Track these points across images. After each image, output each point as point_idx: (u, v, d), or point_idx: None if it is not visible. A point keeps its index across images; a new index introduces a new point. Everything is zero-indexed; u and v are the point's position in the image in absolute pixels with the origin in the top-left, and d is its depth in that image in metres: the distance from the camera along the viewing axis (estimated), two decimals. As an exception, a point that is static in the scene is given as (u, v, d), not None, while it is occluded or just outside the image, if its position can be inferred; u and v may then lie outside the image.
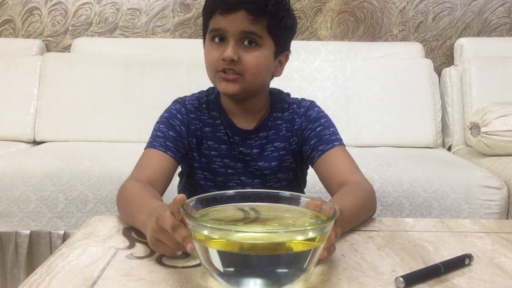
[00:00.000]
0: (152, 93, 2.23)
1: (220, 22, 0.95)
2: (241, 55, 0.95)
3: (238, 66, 0.95)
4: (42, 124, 2.26)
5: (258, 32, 0.95)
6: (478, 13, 2.58)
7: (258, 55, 0.96)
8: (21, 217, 1.69)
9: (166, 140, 1.00)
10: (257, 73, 0.97)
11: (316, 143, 1.02)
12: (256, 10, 0.93)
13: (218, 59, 0.96)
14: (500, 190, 1.67)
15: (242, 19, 0.94)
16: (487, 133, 1.95)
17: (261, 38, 0.96)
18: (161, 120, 1.05)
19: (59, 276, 0.63)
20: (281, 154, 1.06)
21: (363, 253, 0.73)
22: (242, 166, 1.05)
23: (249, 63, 0.95)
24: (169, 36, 2.58)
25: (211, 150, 1.06)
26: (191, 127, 1.05)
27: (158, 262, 0.68)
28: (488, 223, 0.91)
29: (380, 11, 2.58)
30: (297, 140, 1.06)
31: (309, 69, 2.31)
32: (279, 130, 1.06)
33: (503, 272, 0.67)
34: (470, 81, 2.32)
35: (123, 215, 0.88)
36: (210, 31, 0.98)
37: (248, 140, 1.05)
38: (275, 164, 1.06)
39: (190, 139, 1.05)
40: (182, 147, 1.03)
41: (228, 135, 1.05)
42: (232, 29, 0.94)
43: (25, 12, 2.56)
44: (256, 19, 0.94)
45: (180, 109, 1.06)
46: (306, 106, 1.08)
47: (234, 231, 0.58)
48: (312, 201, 0.66)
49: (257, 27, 0.95)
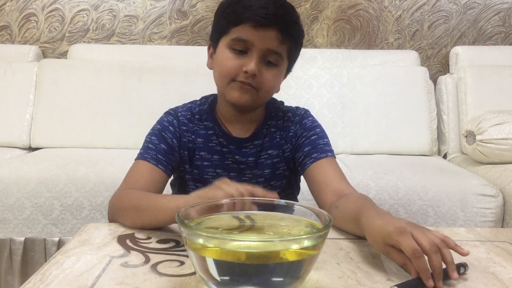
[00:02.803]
0: (148, 100, 2.23)
1: (249, 34, 0.94)
2: (261, 71, 0.96)
3: (255, 81, 0.96)
4: (38, 130, 2.25)
5: (282, 53, 0.97)
6: (473, 22, 2.60)
7: (276, 74, 0.99)
8: (15, 223, 1.69)
9: (157, 153, 1.00)
10: (270, 90, 1.01)
11: (310, 150, 1.03)
12: (287, 31, 0.95)
13: (237, 69, 0.95)
14: (495, 198, 1.68)
15: (272, 38, 0.94)
16: (482, 141, 1.95)
17: (282, 59, 0.98)
18: (153, 132, 1.04)
19: (53, 284, 0.63)
20: (275, 162, 1.06)
21: (359, 262, 0.73)
22: (236, 176, 1.05)
23: (267, 81, 0.97)
24: (166, 43, 2.58)
25: (203, 161, 1.05)
26: (183, 140, 1.04)
27: (153, 270, 0.68)
28: (483, 231, 0.91)
29: (376, 19, 2.59)
30: (291, 147, 1.07)
31: (305, 77, 2.31)
32: (273, 138, 1.07)
33: (498, 281, 0.68)
34: (466, 89, 2.33)
35: (136, 219, 0.86)
36: (234, 39, 0.96)
37: (243, 148, 1.05)
38: (269, 172, 1.06)
39: (182, 152, 1.04)
40: (174, 160, 1.03)
41: (222, 145, 1.05)
42: (260, 45, 0.94)
43: (22, 18, 2.56)
44: (284, 40, 0.95)
45: (172, 121, 1.05)
46: (300, 115, 1.10)
47: (229, 240, 0.58)
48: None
49: (283, 47, 0.97)
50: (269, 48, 0.95)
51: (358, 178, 1.73)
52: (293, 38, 0.98)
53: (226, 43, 0.97)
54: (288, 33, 0.95)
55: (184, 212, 0.63)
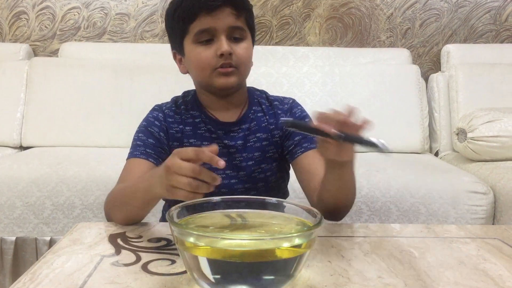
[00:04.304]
0: (140, 98, 2.22)
1: (208, 22, 0.99)
2: (233, 49, 1.00)
3: (233, 59, 1.00)
4: (28, 129, 2.24)
5: (242, 26, 1.03)
6: (464, 20, 2.61)
7: (246, 47, 1.03)
8: (6, 223, 1.67)
9: (146, 148, 1.02)
10: (248, 63, 1.05)
11: (301, 140, 1.07)
12: (239, 6, 1.01)
13: (213, 57, 1.00)
14: (486, 195, 1.69)
15: (228, 15, 1.00)
16: (474, 139, 1.97)
17: (244, 32, 1.03)
18: (139, 130, 1.07)
19: (43, 283, 0.62)
20: (264, 145, 1.09)
21: (350, 259, 0.73)
22: (227, 160, 1.06)
23: (241, 55, 1.02)
24: (158, 41, 2.57)
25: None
26: (170, 131, 1.07)
27: (144, 269, 0.68)
28: (473, 228, 0.91)
29: (368, 17, 2.60)
30: (281, 134, 1.10)
31: (297, 75, 2.32)
32: (260, 122, 1.10)
33: (488, 277, 0.68)
34: (457, 87, 2.35)
35: (128, 208, 0.88)
36: (196, 33, 1.00)
37: (231, 132, 1.08)
38: (258, 155, 1.08)
39: (170, 143, 1.07)
40: (163, 153, 1.05)
41: (210, 131, 1.08)
42: (221, 26, 0.99)
43: (12, 16, 2.54)
44: (239, 14, 1.01)
45: (157, 116, 1.08)
46: (289, 103, 1.14)
47: (221, 238, 0.58)
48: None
49: (241, 20, 1.02)
50: (230, 26, 1.00)
51: (350, 176, 1.73)
52: (245, 8, 1.03)
53: (191, 41, 1.02)
54: (240, 5, 1.01)
55: (175, 211, 0.63)
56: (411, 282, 0.66)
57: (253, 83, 1.22)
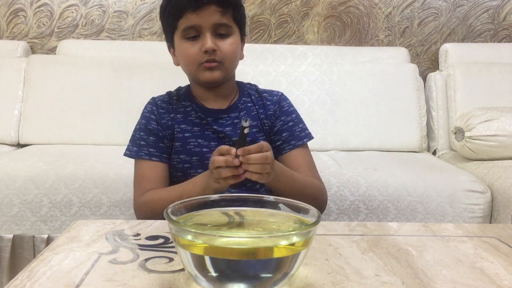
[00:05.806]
0: (138, 96, 2.21)
1: (193, 19, 1.05)
2: (218, 45, 1.06)
3: (218, 55, 1.06)
4: (26, 126, 2.23)
5: (228, 22, 1.07)
6: (462, 19, 2.61)
7: (232, 42, 1.08)
8: (4, 221, 1.67)
9: (149, 148, 1.10)
10: (233, 58, 1.11)
11: (288, 137, 1.14)
12: (224, 3, 1.05)
13: (198, 52, 1.06)
14: (483, 194, 1.69)
15: (213, 13, 1.05)
16: (471, 138, 1.97)
17: (231, 28, 1.08)
18: (139, 127, 1.13)
19: (40, 281, 0.62)
20: (254, 132, 1.14)
21: (347, 258, 0.73)
22: (216, 145, 1.09)
23: (226, 50, 1.07)
24: (156, 39, 2.57)
25: (184, 133, 1.13)
26: (162, 121, 1.13)
27: (142, 267, 0.68)
28: (471, 227, 0.91)
29: (366, 16, 2.60)
30: (270, 124, 1.16)
31: (295, 73, 2.31)
32: (250, 111, 1.16)
33: (485, 276, 0.68)
34: (455, 86, 2.35)
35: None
36: (183, 30, 1.06)
37: (220, 119, 1.13)
38: (248, 140, 1.09)
39: (164, 133, 1.13)
40: (165, 148, 1.12)
41: (201, 118, 1.13)
42: (206, 23, 1.04)
43: (10, 13, 2.53)
44: (224, 11, 1.05)
45: (151, 109, 1.15)
46: (278, 95, 1.20)
47: (218, 236, 0.58)
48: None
49: (226, 17, 1.06)
50: (215, 23, 1.05)
51: (348, 175, 1.74)
52: (230, 5, 1.07)
53: (179, 36, 1.08)
54: (225, 3, 1.05)
55: (173, 208, 0.63)
56: (408, 280, 0.66)
57: (251, 81, 1.23)
